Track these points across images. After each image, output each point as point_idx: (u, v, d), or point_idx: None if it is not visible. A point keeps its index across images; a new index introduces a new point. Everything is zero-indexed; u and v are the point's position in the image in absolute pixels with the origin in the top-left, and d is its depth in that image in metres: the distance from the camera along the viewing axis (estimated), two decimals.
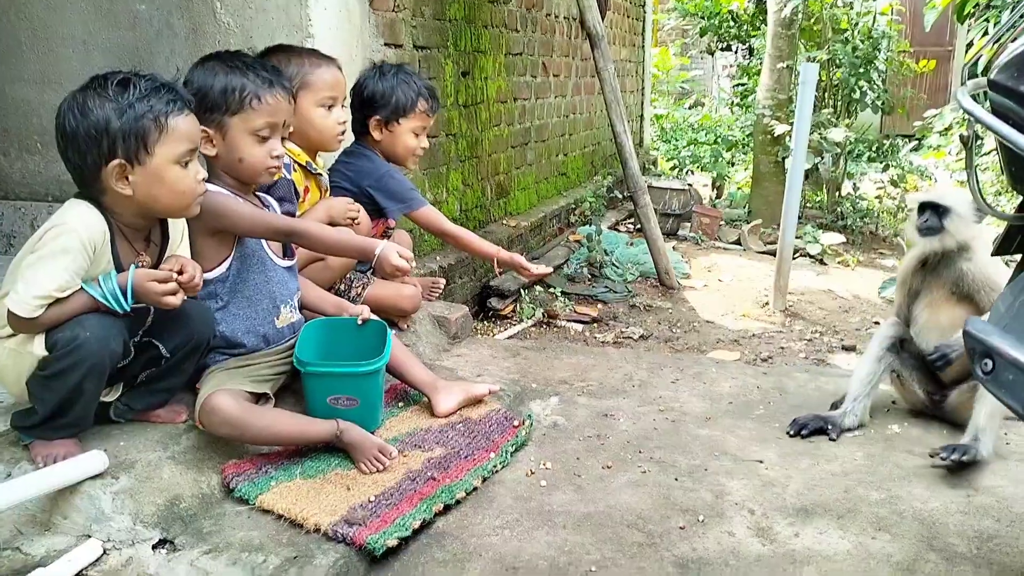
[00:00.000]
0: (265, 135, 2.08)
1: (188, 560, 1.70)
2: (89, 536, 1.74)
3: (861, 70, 6.84)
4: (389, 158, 2.83)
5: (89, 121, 1.73)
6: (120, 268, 1.82)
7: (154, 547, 1.74)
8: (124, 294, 1.75)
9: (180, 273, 1.81)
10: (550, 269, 3.02)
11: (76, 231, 1.74)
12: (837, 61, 6.81)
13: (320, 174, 2.60)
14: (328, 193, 2.67)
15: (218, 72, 2.05)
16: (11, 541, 1.75)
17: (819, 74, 4.78)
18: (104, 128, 1.73)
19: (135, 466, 1.84)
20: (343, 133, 2.62)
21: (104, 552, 1.72)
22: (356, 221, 2.59)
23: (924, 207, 2.45)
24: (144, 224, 1.89)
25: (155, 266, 1.88)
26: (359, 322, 2.32)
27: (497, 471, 2.16)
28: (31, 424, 1.83)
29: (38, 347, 1.75)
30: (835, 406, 2.53)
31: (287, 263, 2.26)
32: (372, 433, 2.15)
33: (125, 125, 1.73)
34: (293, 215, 2.38)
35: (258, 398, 2.10)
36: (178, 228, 1.99)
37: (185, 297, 1.83)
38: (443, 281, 3.24)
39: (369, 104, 2.75)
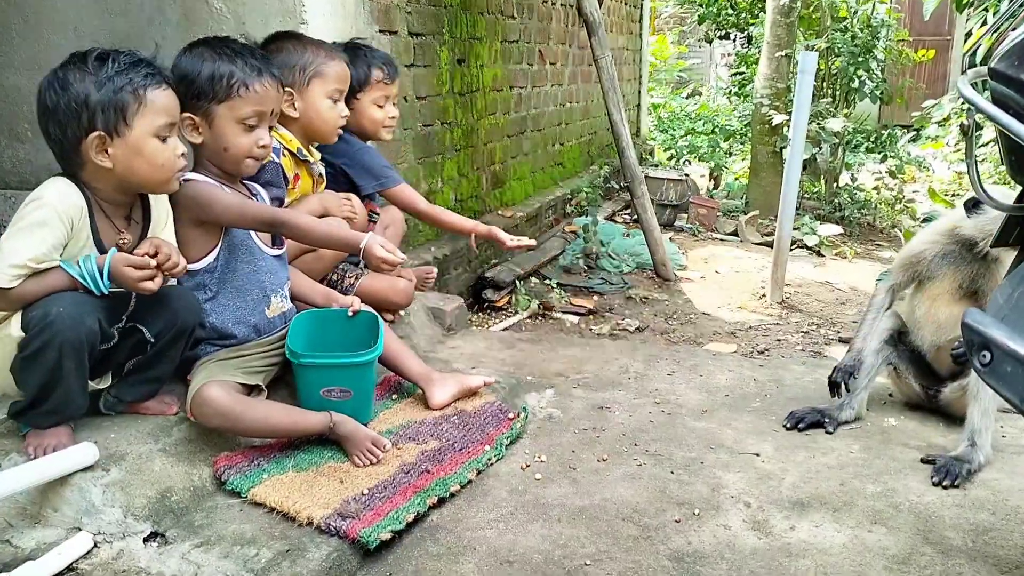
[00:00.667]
0: (252, 124, 2.06)
1: (180, 553, 1.68)
2: (79, 529, 1.72)
3: (860, 59, 6.81)
4: (362, 136, 2.80)
5: (69, 95, 1.75)
6: (100, 246, 1.83)
7: (145, 540, 1.72)
8: (102, 275, 1.75)
9: (155, 255, 1.80)
10: (532, 242, 2.98)
11: (52, 204, 1.75)
12: (836, 50, 6.78)
13: (311, 162, 2.57)
14: (323, 182, 2.64)
15: (206, 58, 2.02)
16: (1, 534, 1.73)
17: (818, 63, 4.75)
18: (84, 101, 1.75)
19: (126, 458, 1.82)
20: (354, 122, 2.63)
21: (95, 545, 1.70)
22: (353, 215, 2.58)
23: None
24: (124, 200, 1.89)
25: (136, 245, 1.87)
26: (349, 313, 2.30)
27: (492, 464, 2.15)
28: (21, 411, 1.82)
29: (15, 328, 1.76)
30: (831, 377, 2.49)
31: (276, 252, 2.24)
32: (365, 426, 2.14)
33: (104, 97, 1.75)
34: (282, 200, 2.36)
35: (250, 390, 2.08)
36: (161, 208, 1.98)
37: (163, 282, 1.81)
38: (435, 270, 3.20)
39: None
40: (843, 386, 2.45)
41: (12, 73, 3.50)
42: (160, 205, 1.98)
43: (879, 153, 7.39)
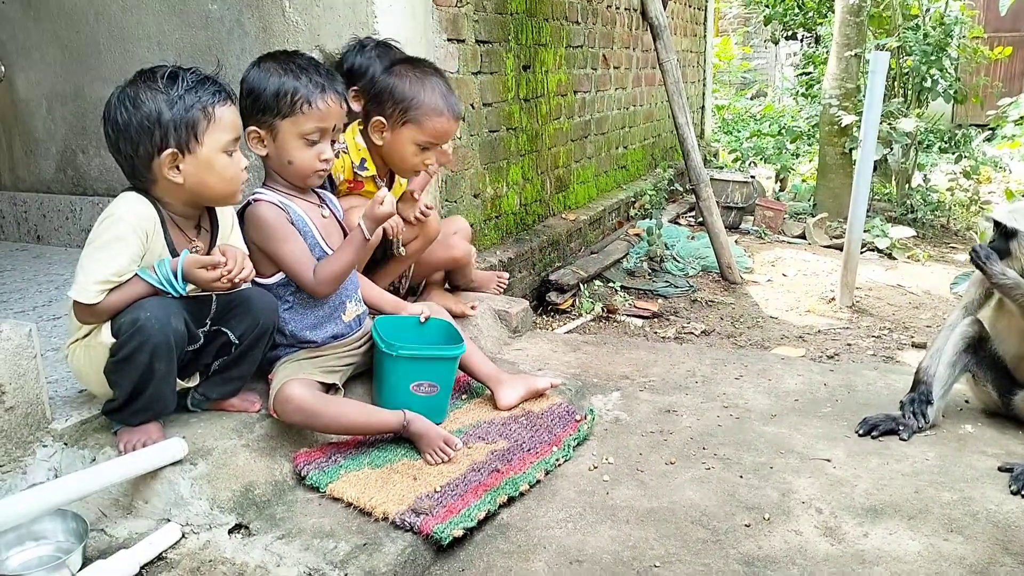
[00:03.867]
0: (315, 139, 2.10)
1: (263, 545, 1.75)
2: (168, 520, 1.81)
3: (932, 58, 6.62)
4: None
5: (142, 113, 1.81)
6: (175, 254, 1.90)
7: (230, 531, 1.79)
8: (177, 277, 1.84)
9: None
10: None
11: (126, 219, 1.83)
12: (907, 49, 6.60)
13: (367, 177, 2.62)
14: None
15: (272, 73, 2.07)
16: (96, 523, 1.83)
17: (889, 62, 4.65)
18: (156, 119, 1.81)
19: (212, 453, 1.90)
20: (417, 173, 2.61)
21: (183, 536, 1.78)
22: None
23: (995, 223, 2.39)
24: (193, 212, 1.97)
25: (208, 253, 1.95)
26: (421, 320, 2.38)
27: (559, 464, 2.18)
28: (114, 409, 1.92)
29: (106, 336, 1.85)
30: (903, 404, 2.46)
31: None
32: (438, 425, 2.19)
33: (176, 115, 1.82)
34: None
35: (328, 388, 2.15)
36: (227, 217, 2.06)
37: (237, 280, 1.87)
38: (507, 275, 3.25)
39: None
40: (914, 415, 2.41)
41: (101, 85, 3.68)
42: (226, 214, 2.07)
43: (953, 153, 7.16)
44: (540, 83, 4.56)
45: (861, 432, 2.38)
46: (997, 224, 2.40)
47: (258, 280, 2.12)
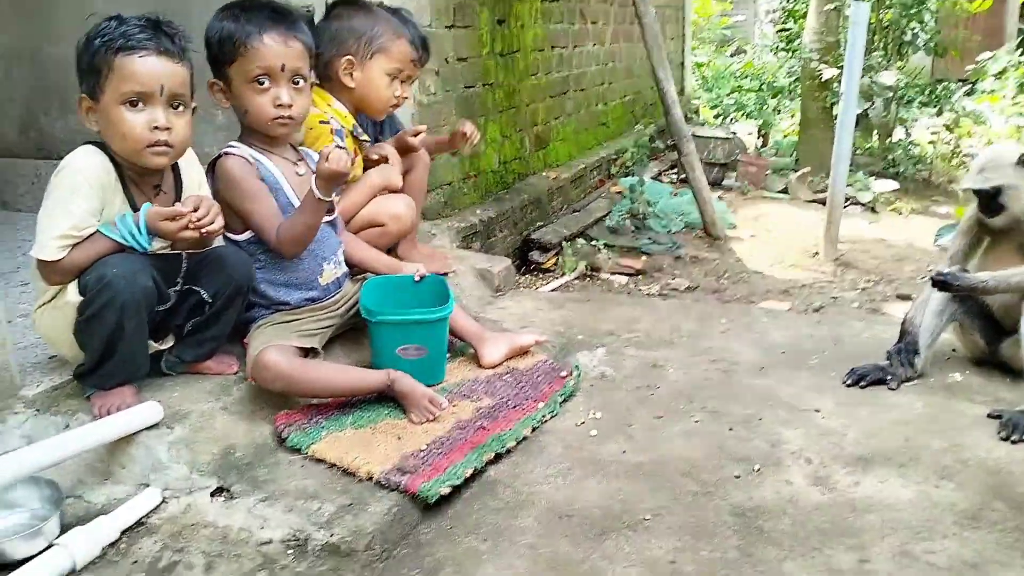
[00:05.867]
0: (262, 83, 2.01)
1: (245, 507, 1.71)
2: (148, 485, 1.76)
3: (912, 10, 6.56)
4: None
5: (77, 55, 1.78)
6: (136, 210, 1.83)
7: (211, 495, 1.75)
8: (140, 231, 1.77)
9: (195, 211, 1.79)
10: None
11: (79, 170, 1.77)
12: (887, 2, 6.53)
13: (366, 140, 2.55)
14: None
15: (218, 20, 2.01)
16: (73, 490, 1.78)
17: (869, 15, 4.58)
18: (78, 63, 1.78)
19: (189, 417, 1.85)
20: (395, 107, 2.59)
21: (163, 500, 1.74)
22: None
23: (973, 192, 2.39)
24: (141, 168, 1.85)
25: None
26: (416, 278, 2.33)
27: (546, 421, 2.15)
28: (85, 372, 1.86)
29: (73, 295, 1.78)
30: (890, 355, 2.45)
31: (327, 219, 2.21)
32: (439, 384, 2.17)
33: (85, 59, 1.77)
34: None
35: (306, 352, 2.09)
36: (193, 174, 1.98)
37: (204, 231, 1.79)
38: (455, 267, 2.96)
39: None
40: (902, 364, 2.40)
41: (59, 44, 3.54)
42: (192, 171, 1.98)
43: (934, 107, 7.13)
44: (516, 38, 4.45)
45: (849, 382, 2.37)
46: (978, 191, 2.38)
47: (228, 235, 2.05)
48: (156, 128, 1.77)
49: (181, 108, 1.82)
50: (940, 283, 2.33)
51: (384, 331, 2.16)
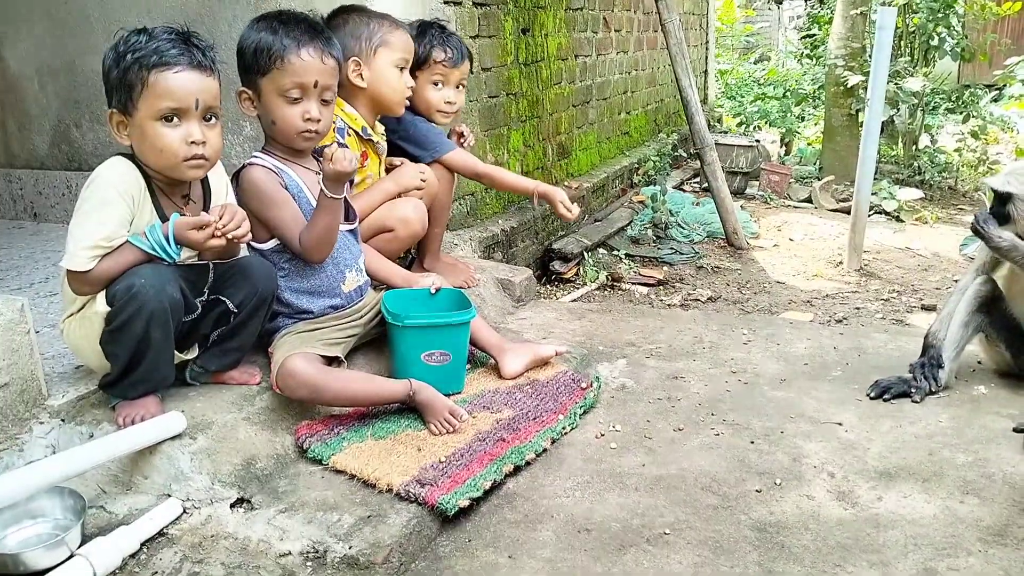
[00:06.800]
0: (295, 96, 2.03)
1: (265, 519, 1.72)
2: (169, 495, 1.78)
3: (939, 15, 6.49)
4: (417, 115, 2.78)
5: (104, 70, 1.79)
6: (164, 220, 1.84)
7: (232, 506, 1.76)
8: (169, 241, 1.78)
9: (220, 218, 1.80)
10: (572, 215, 2.84)
11: (110, 182, 1.78)
12: (914, 6, 6.47)
13: (376, 141, 2.57)
14: (384, 158, 2.65)
15: (254, 31, 2.03)
16: (95, 500, 1.80)
17: (895, 20, 4.54)
18: (106, 77, 1.79)
19: (212, 427, 1.87)
20: (409, 98, 2.61)
21: (184, 511, 1.75)
22: (423, 185, 2.59)
23: (994, 192, 2.38)
24: (171, 179, 1.87)
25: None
26: (432, 291, 2.34)
27: (566, 433, 2.14)
28: (111, 382, 1.88)
29: (101, 305, 1.80)
30: (913, 368, 2.42)
31: (348, 227, 2.24)
32: (459, 393, 2.19)
33: (117, 76, 1.77)
34: (352, 181, 2.36)
35: (330, 361, 2.11)
36: (220, 184, 2.00)
37: (231, 237, 1.80)
38: (477, 279, 3.01)
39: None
40: (925, 378, 2.37)
41: (92, 57, 3.60)
42: (219, 181, 2.00)
43: (960, 113, 7.04)
44: (540, 47, 4.47)
45: (872, 395, 2.34)
46: (994, 191, 2.38)
47: (253, 245, 2.08)
48: (193, 143, 1.80)
49: (213, 120, 1.85)
50: (973, 221, 2.36)
51: (410, 336, 2.17)
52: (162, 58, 1.75)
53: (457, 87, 2.78)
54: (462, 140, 2.91)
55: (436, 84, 2.73)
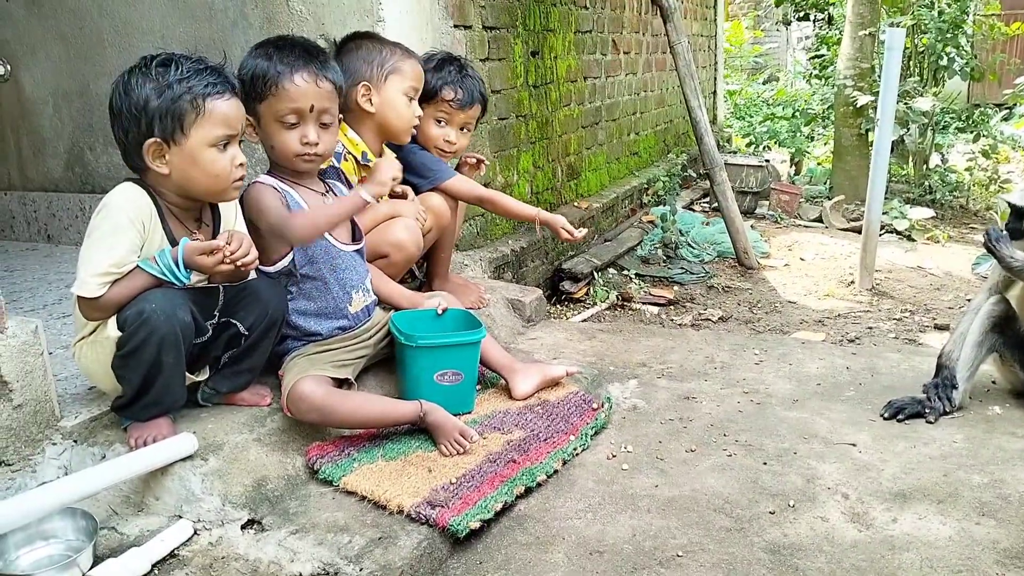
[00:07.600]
0: (292, 121, 2.04)
1: (276, 540, 1.72)
2: (180, 516, 1.78)
3: (948, 35, 6.50)
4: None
5: (131, 100, 1.78)
6: (175, 245, 1.86)
7: (243, 527, 1.76)
8: (179, 266, 1.80)
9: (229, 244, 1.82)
10: (580, 235, 2.78)
11: (121, 208, 1.79)
12: (922, 27, 6.49)
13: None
14: None
15: (252, 58, 2.05)
16: (106, 521, 1.80)
17: (904, 40, 4.55)
18: (143, 107, 1.78)
19: (223, 448, 1.87)
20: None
21: (195, 532, 1.75)
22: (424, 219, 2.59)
23: (1011, 207, 2.37)
24: (190, 204, 1.91)
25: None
26: (438, 312, 2.35)
27: (577, 454, 2.13)
28: (123, 405, 1.89)
29: (112, 330, 1.81)
30: (927, 389, 2.40)
31: (355, 247, 2.24)
32: (468, 413, 2.19)
33: (163, 105, 1.77)
34: None
35: (340, 383, 2.11)
36: (230, 209, 2.02)
37: (239, 263, 1.81)
38: (488, 298, 3.02)
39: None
40: (939, 399, 2.35)
41: (106, 81, 3.62)
42: (229, 207, 2.02)
43: (970, 132, 7.05)
44: (549, 69, 4.50)
45: (886, 415, 2.32)
46: (1011, 205, 2.36)
47: (261, 268, 2.08)
48: (240, 165, 1.87)
49: (241, 143, 1.91)
50: (985, 238, 2.33)
51: (423, 356, 2.17)
52: (216, 87, 1.80)
53: (462, 128, 2.76)
54: (478, 168, 2.90)
55: (439, 122, 2.73)
